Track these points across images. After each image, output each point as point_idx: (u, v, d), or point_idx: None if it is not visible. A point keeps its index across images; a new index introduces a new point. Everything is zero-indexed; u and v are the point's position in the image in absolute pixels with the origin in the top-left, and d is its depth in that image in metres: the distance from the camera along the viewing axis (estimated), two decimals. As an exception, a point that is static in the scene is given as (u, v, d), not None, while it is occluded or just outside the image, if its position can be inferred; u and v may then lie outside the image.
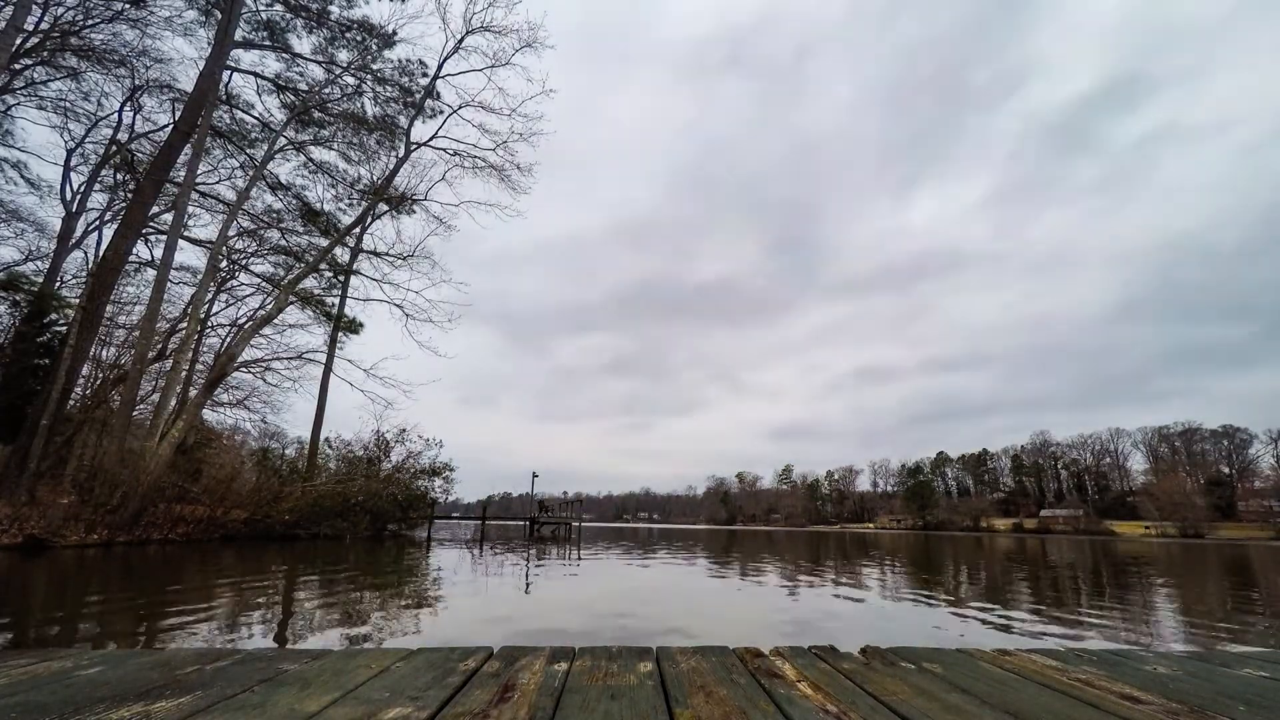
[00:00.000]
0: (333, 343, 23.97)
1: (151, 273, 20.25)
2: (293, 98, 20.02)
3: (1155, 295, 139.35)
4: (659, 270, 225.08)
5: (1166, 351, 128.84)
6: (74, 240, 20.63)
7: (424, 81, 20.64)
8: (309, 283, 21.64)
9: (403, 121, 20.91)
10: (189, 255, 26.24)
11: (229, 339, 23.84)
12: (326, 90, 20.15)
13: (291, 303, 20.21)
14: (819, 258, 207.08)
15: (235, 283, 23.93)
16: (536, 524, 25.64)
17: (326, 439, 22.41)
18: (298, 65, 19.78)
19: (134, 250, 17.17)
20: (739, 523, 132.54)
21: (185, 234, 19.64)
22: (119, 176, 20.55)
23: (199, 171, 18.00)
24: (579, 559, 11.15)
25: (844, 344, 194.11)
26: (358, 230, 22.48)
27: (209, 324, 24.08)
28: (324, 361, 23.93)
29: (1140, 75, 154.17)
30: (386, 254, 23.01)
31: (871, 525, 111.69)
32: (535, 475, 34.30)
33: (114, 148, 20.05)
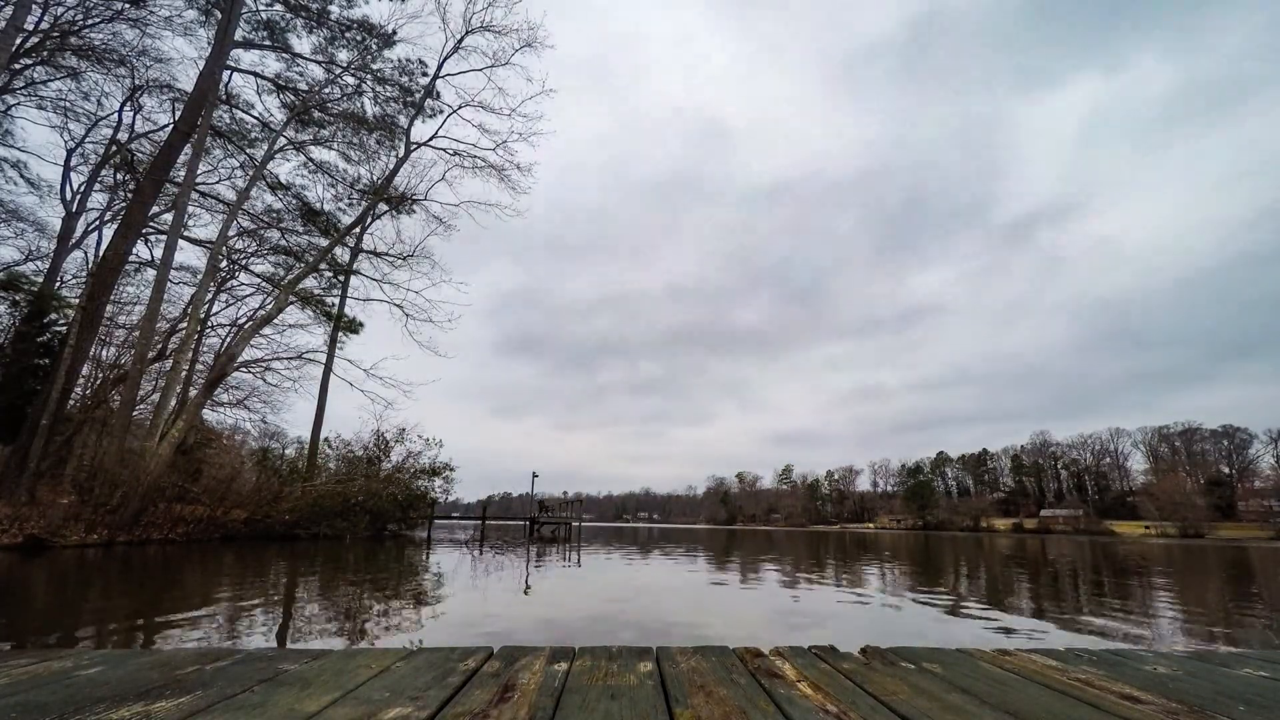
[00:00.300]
0: (333, 343, 23.97)
1: (151, 273, 20.26)
2: (293, 98, 20.02)
3: (1104, 332, 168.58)
4: (696, 319, 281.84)
5: (1127, 372, 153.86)
6: (74, 240, 20.63)
7: (424, 81, 20.66)
8: (309, 283, 21.65)
9: (403, 121, 20.93)
10: (189, 255, 26.28)
11: (229, 339, 23.85)
12: (326, 90, 20.15)
13: (291, 303, 20.21)
14: (828, 309, 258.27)
15: (235, 283, 23.95)
16: (536, 524, 25.64)
17: (326, 439, 22.42)
18: (298, 65, 19.80)
19: (134, 250, 17.18)
20: (739, 523, 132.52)
21: (185, 234, 19.64)
22: (119, 176, 20.55)
23: (199, 171, 18.00)
24: (579, 559, 11.15)
25: (846, 370, 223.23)
26: (358, 230, 22.49)
27: (209, 324, 24.09)
28: (324, 361, 23.95)
29: (1074, 201, 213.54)
30: (386, 254, 23.02)
31: (871, 525, 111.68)
32: (535, 475, 34.28)
33: (114, 148, 20.05)
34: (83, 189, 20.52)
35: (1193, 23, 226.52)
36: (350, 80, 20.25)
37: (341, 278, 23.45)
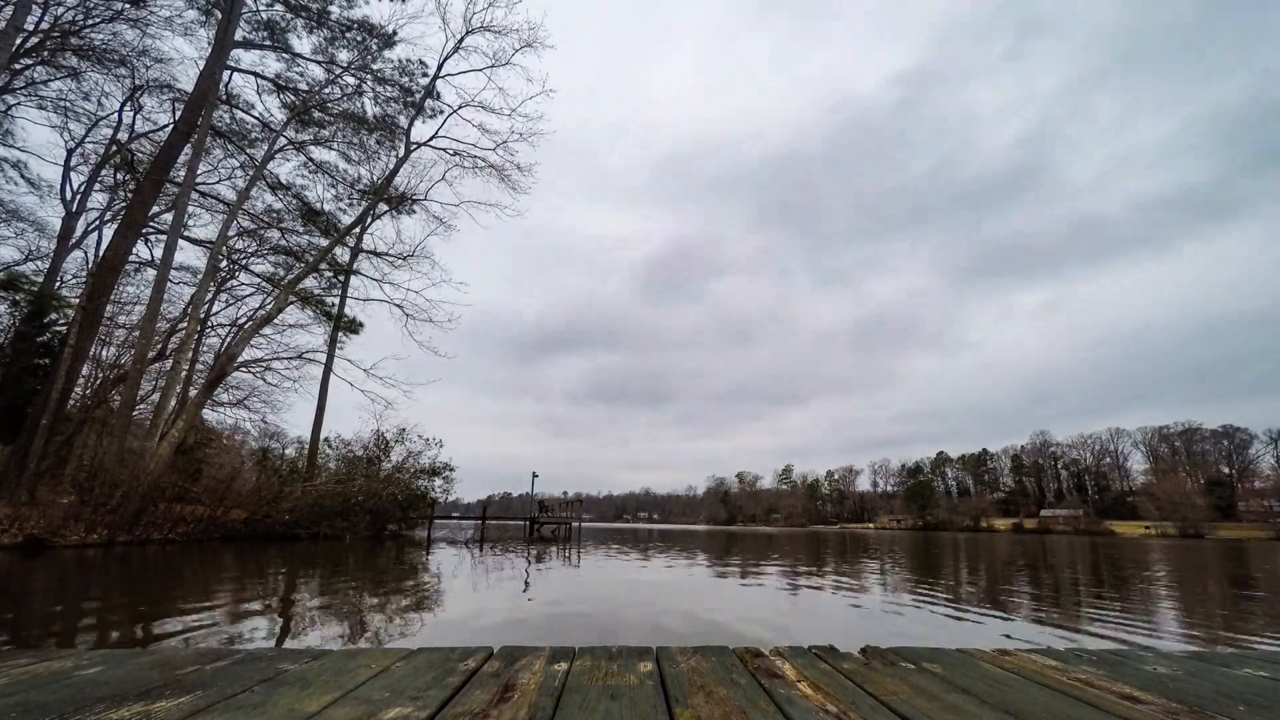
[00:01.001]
0: (333, 343, 23.96)
1: (151, 273, 20.26)
2: (293, 98, 20.02)
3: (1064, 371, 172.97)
4: (743, 375, 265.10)
5: (1092, 392, 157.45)
6: (74, 240, 20.64)
7: (424, 81, 20.64)
8: (309, 283, 21.65)
9: (403, 121, 20.92)
10: (189, 255, 26.25)
11: (229, 339, 23.86)
12: (326, 90, 20.15)
13: (291, 303, 20.20)
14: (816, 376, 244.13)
15: (235, 283, 23.95)
16: (536, 524, 25.63)
17: (326, 439, 22.41)
18: (298, 65, 19.79)
19: (134, 250, 17.18)
20: (739, 523, 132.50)
21: (185, 234, 19.65)
22: (119, 176, 20.55)
23: (199, 171, 17.99)
24: (579, 559, 11.15)
25: (833, 403, 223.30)
26: (358, 230, 22.49)
27: (209, 324, 24.09)
28: (324, 361, 23.93)
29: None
30: (386, 254, 23.03)
31: (871, 525, 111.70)
32: (535, 475, 34.27)
33: (114, 148, 20.05)
34: (83, 189, 20.53)
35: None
36: (350, 80, 20.26)
37: (341, 278, 23.45)
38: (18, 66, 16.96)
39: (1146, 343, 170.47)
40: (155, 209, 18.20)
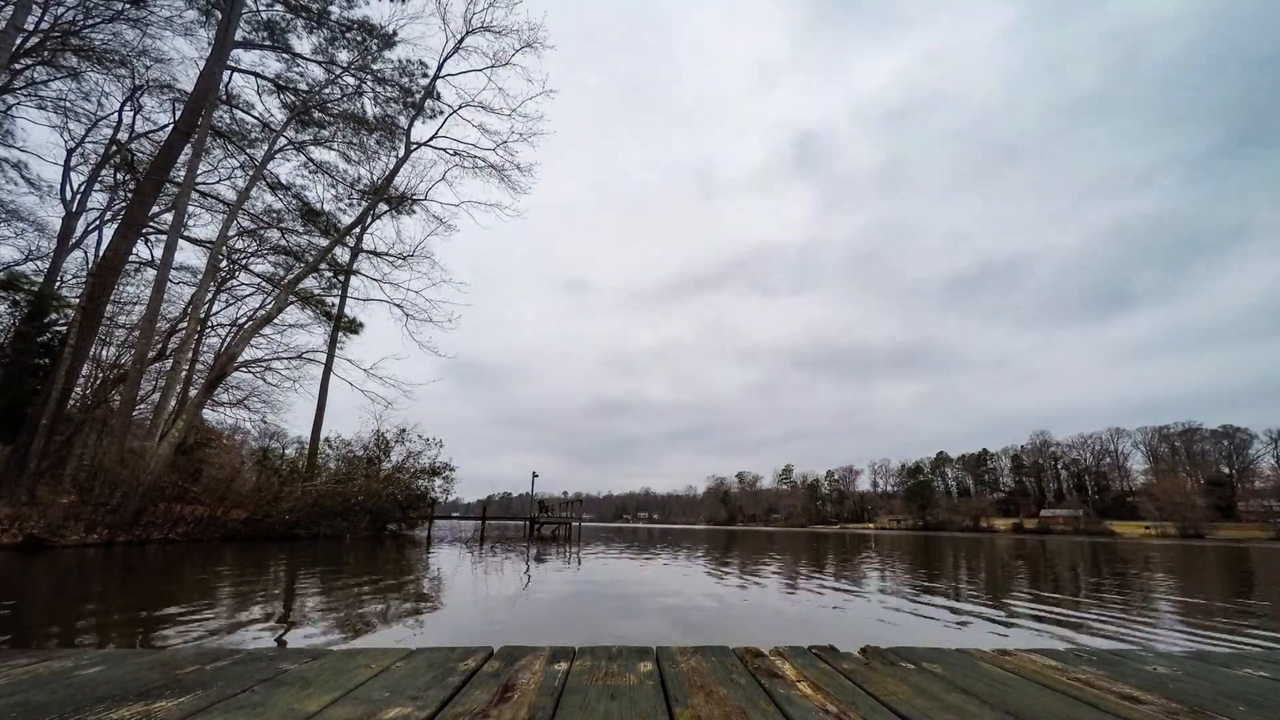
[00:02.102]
0: (333, 343, 23.97)
1: (151, 273, 20.26)
2: (293, 98, 20.02)
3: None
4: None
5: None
6: (74, 240, 20.64)
7: (424, 82, 20.65)
8: (309, 283, 21.65)
9: (403, 121, 20.93)
10: (189, 255, 26.29)
11: (229, 339, 23.85)
12: (326, 90, 20.15)
13: (291, 303, 20.21)
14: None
15: (235, 283, 23.95)
16: (536, 524, 25.63)
17: (326, 439, 22.42)
18: (298, 65, 19.79)
19: (134, 250, 17.18)
20: (739, 523, 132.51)
21: (185, 234, 19.64)
22: (119, 176, 20.55)
23: (199, 171, 18.00)
24: (579, 558, 11.15)
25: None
26: (358, 230, 22.50)
27: (209, 324, 24.08)
28: (324, 361, 23.94)
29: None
30: (386, 254, 23.03)
31: (871, 525, 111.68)
32: (535, 475, 34.29)
33: (114, 148, 20.05)
34: (83, 189, 20.53)
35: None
36: (350, 81, 20.26)
37: (341, 278, 23.45)
38: (18, 66, 16.96)
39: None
40: (155, 209, 18.20)
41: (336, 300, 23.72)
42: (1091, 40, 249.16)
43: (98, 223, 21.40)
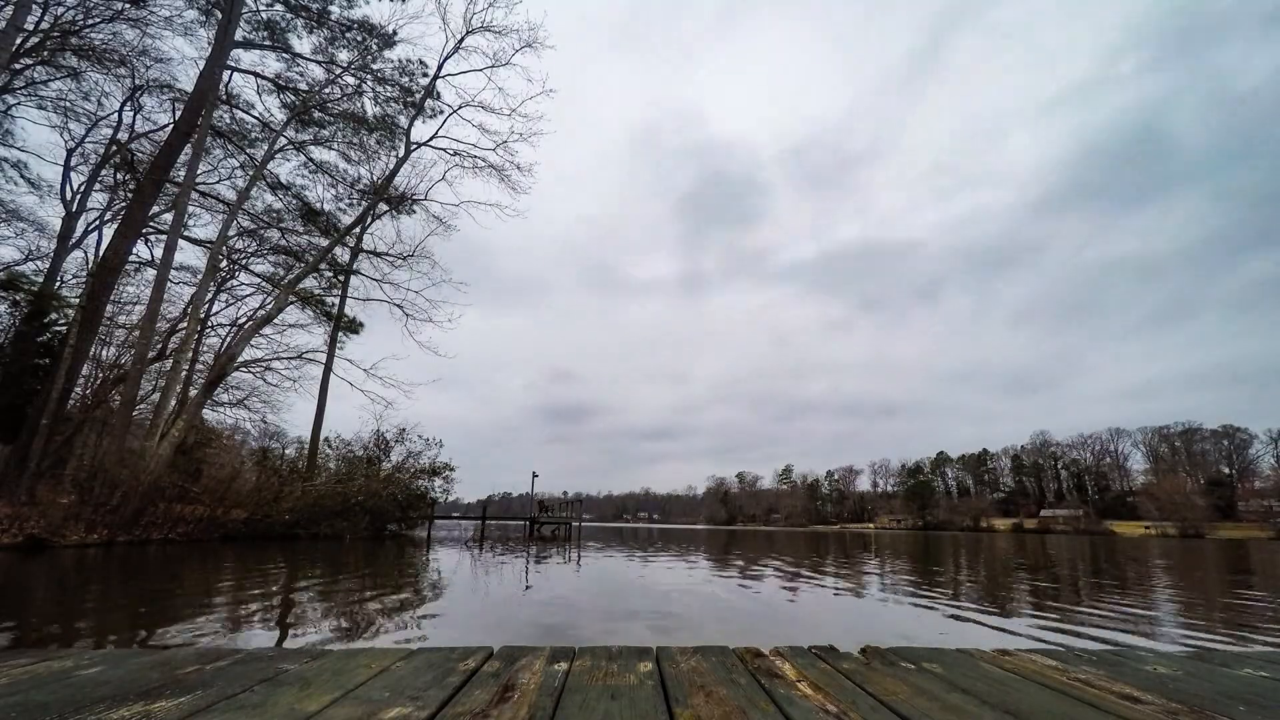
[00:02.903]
0: (333, 343, 23.97)
1: (151, 273, 20.26)
2: (293, 98, 20.02)
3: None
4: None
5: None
6: (74, 240, 20.64)
7: (424, 81, 20.65)
8: (309, 283, 21.67)
9: (403, 121, 20.93)
10: (189, 255, 26.23)
11: (229, 339, 23.85)
12: (327, 90, 20.15)
13: (291, 302, 20.21)
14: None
15: (235, 283, 23.96)
16: (536, 524, 25.63)
17: (326, 439, 22.41)
18: (298, 65, 19.80)
19: (134, 250, 17.18)
20: (739, 523, 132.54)
21: (185, 234, 19.64)
22: (119, 176, 20.55)
23: (199, 171, 18.00)
24: (579, 558, 11.15)
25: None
26: (358, 230, 22.49)
27: (209, 324, 24.09)
28: (324, 361, 23.94)
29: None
30: (386, 254, 23.03)
31: (871, 525, 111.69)
32: (535, 475, 34.28)
33: (114, 147, 20.05)
34: (83, 189, 20.53)
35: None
36: (350, 80, 20.26)
37: (341, 278, 23.46)
38: (18, 66, 16.95)
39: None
40: (155, 209, 18.19)
41: (336, 300, 23.73)
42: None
43: (98, 223, 21.41)
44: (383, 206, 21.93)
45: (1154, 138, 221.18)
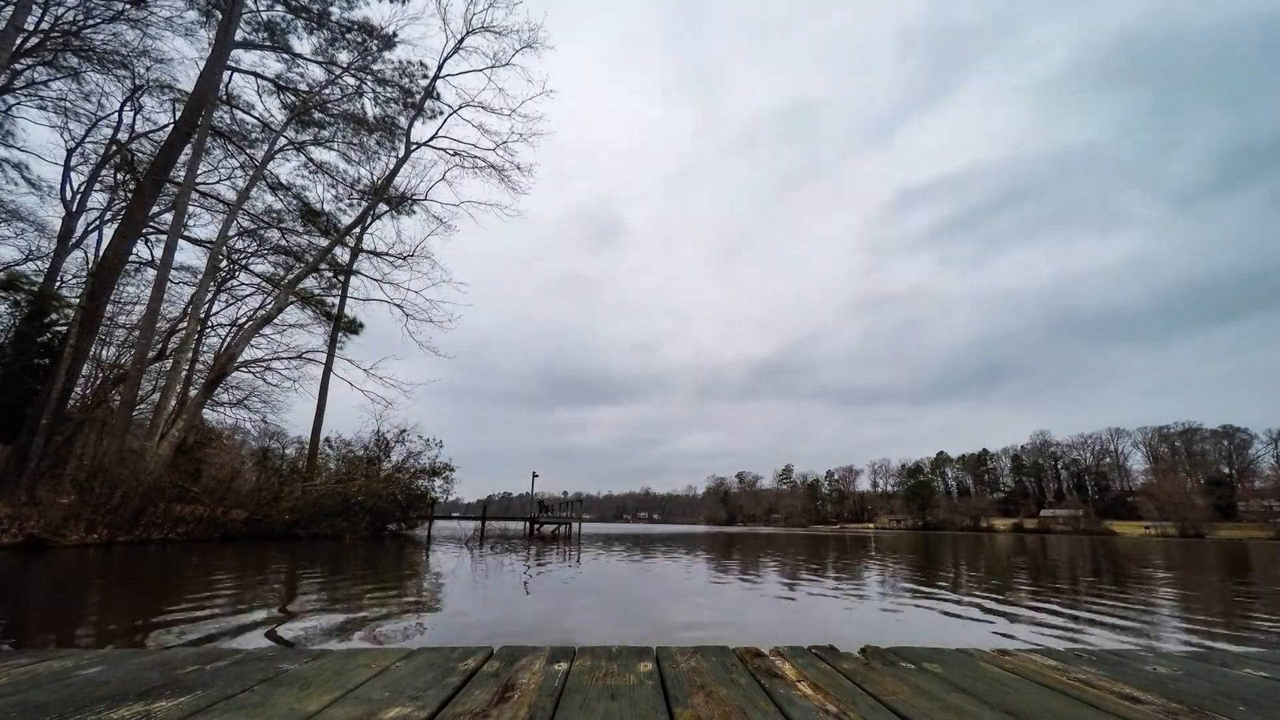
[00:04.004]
0: (333, 343, 23.96)
1: (151, 273, 20.26)
2: (293, 98, 20.03)
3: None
4: None
5: None
6: (74, 240, 20.63)
7: (424, 82, 20.68)
8: (309, 282, 21.65)
9: (403, 122, 20.94)
10: (189, 255, 26.24)
11: (229, 339, 23.83)
12: (327, 91, 20.16)
13: (291, 303, 20.21)
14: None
15: (235, 283, 23.93)
16: (537, 524, 25.63)
17: (326, 439, 22.41)
18: (298, 66, 19.80)
19: (134, 250, 17.19)
20: (739, 523, 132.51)
21: (185, 234, 19.64)
22: (119, 176, 20.55)
23: (199, 171, 18.00)
24: (579, 558, 11.15)
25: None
26: (358, 230, 22.50)
27: (209, 324, 24.07)
28: (324, 361, 23.93)
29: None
30: (386, 254, 23.03)
31: (871, 525, 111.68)
32: (535, 475, 34.26)
33: (114, 148, 20.05)
34: (83, 189, 20.52)
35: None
36: (350, 81, 20.28)
37: (341, 278, 23.44)
38: (18, 66, 16.95)
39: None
40: (155, 209, 18.19)
41: (336, 300, 23.71)
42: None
43: (98, 223, 21.40)
44: (383, 207, 21.94)
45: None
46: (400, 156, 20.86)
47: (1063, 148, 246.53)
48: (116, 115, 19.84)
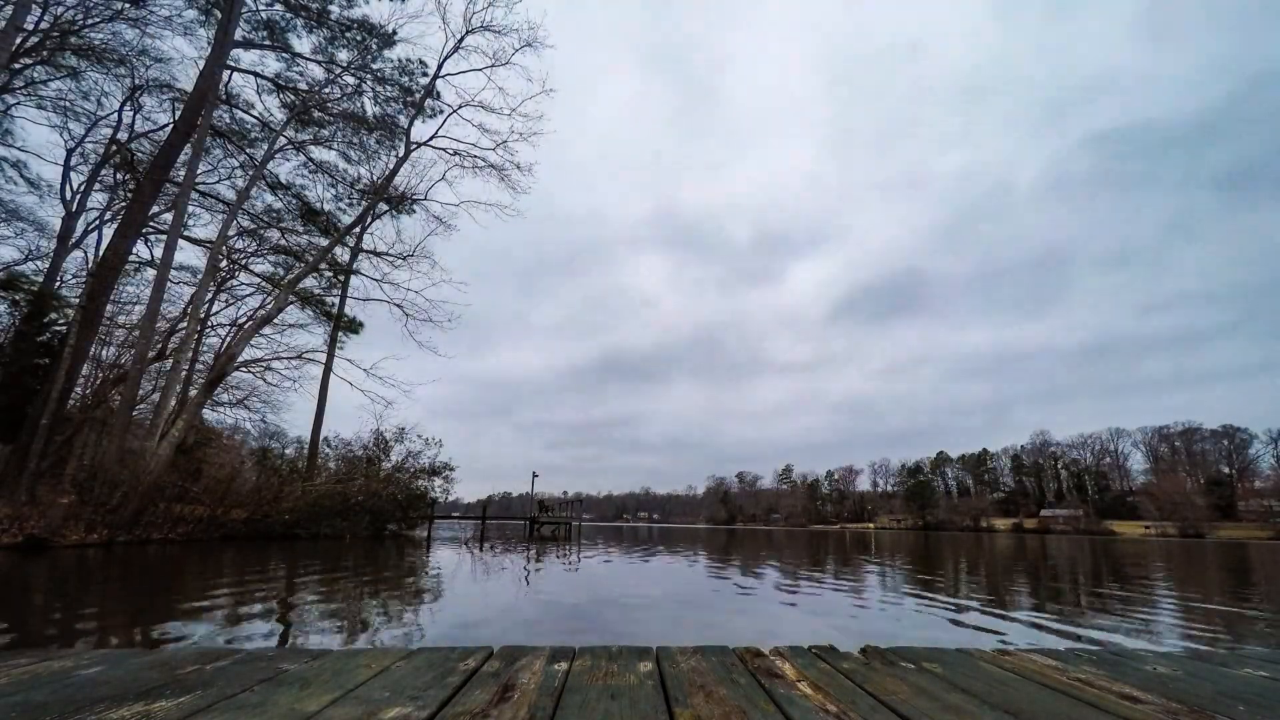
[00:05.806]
0: (333, 342, 23.97)
1: (151, 273, 20.23)
2: (293, 97, 20.01)
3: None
4: None
5: None
6: (74, 240, 20.62)
7: (424, 81, 20.64)
8: (309, 282, 21.65)
9: (403, 121, 20.92)
10: (189, 255, 26.22)
11: (229, 339, 23.83)
12: (326, 90, 20.14)
13: (291, 302, 20.21)
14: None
15: (235, 283, 23.94)
16: (536, 523, 25.64)
17: (326, 439, 22.43)
18: (298, 65, 19.79)
19: (134, 250, 17.16)
20: (739, 522, 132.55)
21: (185, 234, 19.64)
22: (119, 176, 20.54)
23: (199, 171, 17.99)
24: (579, 558, 11.15)
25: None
26: (358, 230, 22.49)
27: (209, 324, 24.08)
28: (324, 361, 23.94)
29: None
30: (386, 254, 23.03)
31: (872, 525, 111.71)
32: (535, 475, 34.27)
33: (114, 147, 20.03)
34: (83, 189, 20.51)
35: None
36: (350, 80, 20.25)
37: (341, 278, 23.45)
38: (18, 66, 16.94)
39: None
40: (155, 209, 18.18)
41: (336, 300, 23.72)
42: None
43: (98, 223, 21.39)
44: (383, 206, 21.92)
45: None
46: (400, 156, 20.83)
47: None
48: (116, 115, 19.84)
